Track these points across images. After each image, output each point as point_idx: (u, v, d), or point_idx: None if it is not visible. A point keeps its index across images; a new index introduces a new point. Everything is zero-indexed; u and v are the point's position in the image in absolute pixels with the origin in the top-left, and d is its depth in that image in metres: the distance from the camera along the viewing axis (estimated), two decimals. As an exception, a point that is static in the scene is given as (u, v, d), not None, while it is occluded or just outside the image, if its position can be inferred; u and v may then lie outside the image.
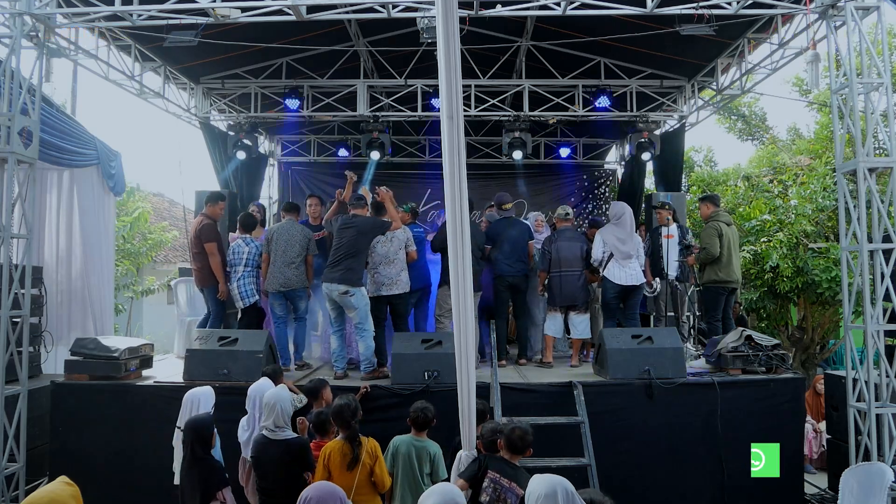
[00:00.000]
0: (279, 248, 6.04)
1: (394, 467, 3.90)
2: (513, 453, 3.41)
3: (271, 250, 6.10)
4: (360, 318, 5.64)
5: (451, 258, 3.10)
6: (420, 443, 3.96)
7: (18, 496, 5.05)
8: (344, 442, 3.63)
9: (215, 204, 6.37)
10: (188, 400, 4.29)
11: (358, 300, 5.61)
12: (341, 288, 5.55)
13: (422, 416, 3.98)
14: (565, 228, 6.44)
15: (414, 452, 3.91)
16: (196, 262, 6.23)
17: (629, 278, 6.06)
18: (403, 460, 3.90)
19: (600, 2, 5.49)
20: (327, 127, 10.89)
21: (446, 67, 2.84)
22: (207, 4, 5.45)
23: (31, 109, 5.41)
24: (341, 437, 3.68)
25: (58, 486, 2.42)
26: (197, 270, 6.25)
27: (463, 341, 3.22)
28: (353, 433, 3.63)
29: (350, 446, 3.59)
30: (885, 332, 4.97)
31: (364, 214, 5.84)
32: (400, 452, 3.92)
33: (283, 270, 6.00)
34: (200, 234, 6.12)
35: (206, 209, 6.36)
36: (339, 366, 5.73)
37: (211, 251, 6.08)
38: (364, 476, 3.58)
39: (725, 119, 15.84)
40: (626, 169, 10.58)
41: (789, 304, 9.59)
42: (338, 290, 5.57)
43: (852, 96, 5.02)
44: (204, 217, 6.28)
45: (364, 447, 3.63)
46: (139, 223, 12.79)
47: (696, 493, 5.13)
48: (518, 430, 3.40)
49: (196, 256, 6.20)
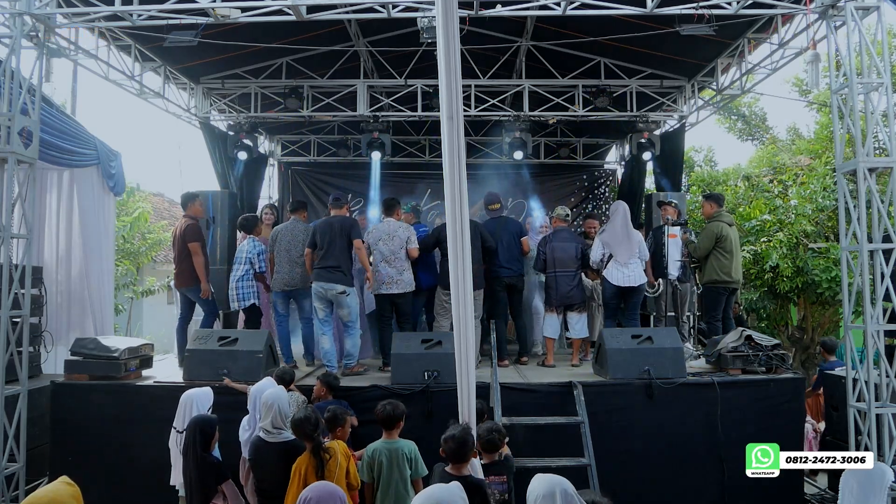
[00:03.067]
0: (283, 247, 6.07)
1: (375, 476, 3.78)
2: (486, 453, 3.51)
3: (276, 250, 6.12)
4: (353, 318, 5.81)
5: (451, 258, 3.10)
6: (393, 445, 3.84)
7: (18, 496, 5.05)
8: (310, 455, 3.61)
9: (193, 203, 6.38)
10: (185, 401, 4.30)
11: (352, 299, 5.80)
12: (339, 287, 5.65)
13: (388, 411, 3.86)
14: (561, 229, 6.43)
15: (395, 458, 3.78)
16: (180, 265, 6.23)
17: (627, 279, 6.05)
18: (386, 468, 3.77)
19: (600, 2, 5.49)
20: (327, 127, 10.89)
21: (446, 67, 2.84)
22: (207, 4, 5.45)
23: (31, 109, 5.41)
24: (308, 450, 3.64)
25: (58, 486, 2.42)
26: (179, 272, 6.24)
27: (463, 341, 3.22)
28: (316, 444, 3.60)
29: (317, 459, 3.57)
30: (885, 332, 4.97)
31: (342, 214, 5.94)
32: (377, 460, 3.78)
33: (287, 270, 6.02)
34: (185, 235, 6.12)
35: (187, 210, 6.36)
36: (333, 365, 5.79)
37: (195, 251, 6.09)
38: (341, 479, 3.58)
39: (725, 119, 15.86)
40: (626, 169, 10.58)
41: (789, 304, 9.60)
42: (334, 290, 5.66)
43: (852, 96, 5.02)
44: (187, 218, 6.28)
45: (335, 452, 3.63)
46: (139, 223, 12.78)
47: (696, 493, 5.13)
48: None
49: (180, 258, 6.20)
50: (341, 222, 5.83)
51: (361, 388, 5.24)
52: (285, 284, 6.05)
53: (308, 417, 3.70)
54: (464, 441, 3.17)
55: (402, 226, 6.11)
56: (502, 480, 3.55)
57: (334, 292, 5.65)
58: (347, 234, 5.77)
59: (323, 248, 5.74)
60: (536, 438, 4.77)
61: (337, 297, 5.69)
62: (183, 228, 6.18)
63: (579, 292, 6.29)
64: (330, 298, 5.72)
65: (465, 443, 3.17)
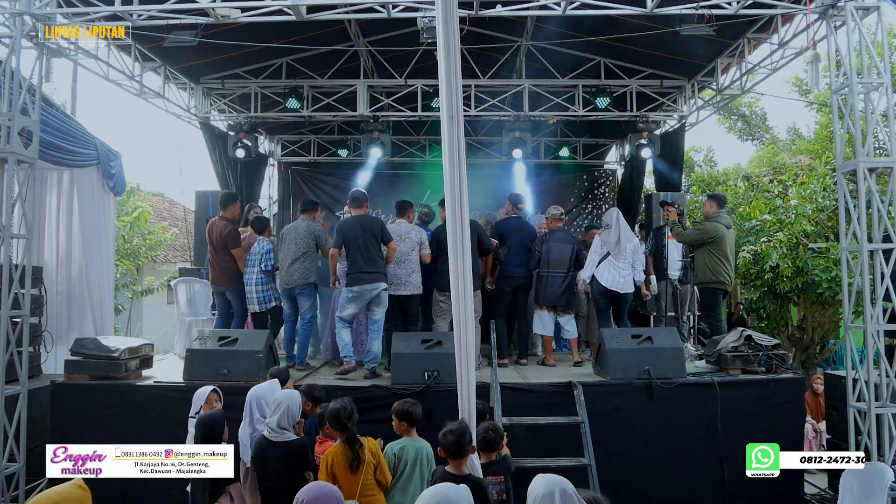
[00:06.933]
0: (286, 246, 6.07)
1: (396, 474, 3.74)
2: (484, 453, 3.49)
3: (281, 249, 6.13)
4: (382, 315, 5.75)
5: (451, 258, 3.10)
6: (419, 443, 3.83)
7: (18, 496, 5.05)
8: (344, 445, 3.61)
9: (234, 204, 6.53)
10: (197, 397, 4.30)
11: (387, 297, 5.77)
12: (383, 285, 5.63)
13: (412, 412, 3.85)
14: (557, 229, 6.39)
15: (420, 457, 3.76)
16: (220, 264, 6.30)
17: (616, 284, 6.00)
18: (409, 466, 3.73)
19: (600, 2, 5.49)
20: (327, 127, 10.90)
21: (446, 67, 2.84)
22: (207, 4, 5.45)
23: (31, 109, 5.41)
24: (340, 441, 3.64)
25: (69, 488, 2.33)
26: (222, 272, 6.31)
27: (463, 341, 3.22)
28: (351, 435, 3.59)
29: (350, 448, 3.57)
30: (885, 332, 4.97)
31: (363, 213, 5.88)
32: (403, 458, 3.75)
33: (287, 269, 6.02)
34: (227, 241, 6.23)
35: (226, 212, 6.41)
36: (351, 358, 5.68)
37: (239, 256, 6.26)
38: (370, 475, 3.56)
39: (725, 119, 15.86)
40: (626, 169, 10.58)
41: (789, 304, 9.59)
42: (378, 289, 5.61)
43: (852, 96, 5.02)
44: (226, 222, 6.36)
45: (365, 447, 3.61)
46: (139, 223, 12.80)
47: (696, 493, 5.13)
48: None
49: (220, 258, 6.28)
50: (370, 222, 5.75)
51: (361, 388, 5.24)
52: (286, 283, 6.04)
53: (344, 408, 3.65)
54: (462, 433, 3.19)
55: (415, 228, 6.11)
56: (500, 480, 3.54)
57: (377, 291, 5.60)
58: (379, 234, 5.71)
59: (356, 248, 5.60)
60: (536, 438, 4.76)
61: (380, 295, 5.65)
62: (224, 234, 6.25)
63: (568, 295, 6.25)
64: (370, 298, 5.64)
65: (463, 434, 3.19)
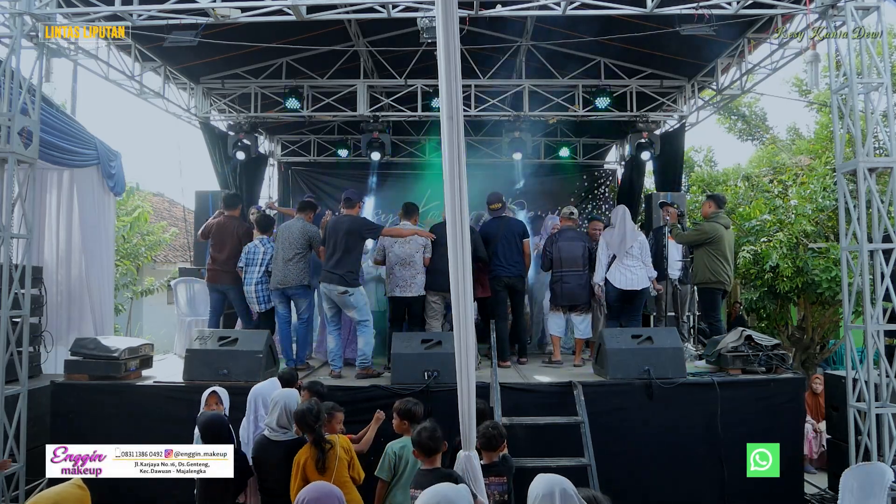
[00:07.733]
0: (280, 245, 6.07)
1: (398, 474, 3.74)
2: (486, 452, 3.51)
3: (277, 248, 6.14)
4: (361, 316, 5.78)
5: (451, 258, 3.09)
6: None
7: (18, 496, 5.05)
8: (311, 447, 3.60)
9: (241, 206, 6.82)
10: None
11: (357, 299, 5.75)
12: (340, 288, 5.66)
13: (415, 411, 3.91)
14: (567, 228, 6.43)
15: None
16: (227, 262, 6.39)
17: (629, 282, 6.03)
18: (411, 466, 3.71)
19: (600, 2, 5.49)
20: (327, 127, 10.89)
21: (446, 67, 2.83)
22: (207, 4, 5.45)
23: (31, 109, 5.41)
24: (308, 443, 3.63)
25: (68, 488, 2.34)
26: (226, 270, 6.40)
27: (463, 341, 3.22)
28: (318, 436, 3.59)
29: (318, 450, 3.56)
30: (885, 332, 4.97)
31: (353, 214, 5.95)
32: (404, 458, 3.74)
33: (281, 268, 6.01)
34: (243, 239, 6.40)
35: (233, 211, 6.64)
36: (337, 365, 5.80)
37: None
38: (343, 472, 3.58)
39: (725, 119, 15.86)
40: (626, 169, 10.58)
41: (789, 304, 9.59)
42: (337, 291, 5.67)
43: (852, 96, 5.02)
44: (240, 220, 6.61)
45: (336, 445, 3.62)
46: (139, 223, 12.79)
47: (696, 493, 5.12)
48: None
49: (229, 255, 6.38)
50: (349, 222, 5.81)
51: (361, 387, 5.25)
52: (279, 283, 6.03)
53: (310, 409, 3.69)
54: (433, 430, 3.33)
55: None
56: (502, 481, 3.54)
57: (336, 293, 5.67)
58: (356, 233, 5.76)
59: (332, 248, 5.76)
60: (536, 438, 4.76)
61: (340, 298, 5.70)
62: (243, 231, 6.47)
63: (585, 292, 6.27)
64: (334, 299, 5.74)
65: (434, 432, 3.32)
